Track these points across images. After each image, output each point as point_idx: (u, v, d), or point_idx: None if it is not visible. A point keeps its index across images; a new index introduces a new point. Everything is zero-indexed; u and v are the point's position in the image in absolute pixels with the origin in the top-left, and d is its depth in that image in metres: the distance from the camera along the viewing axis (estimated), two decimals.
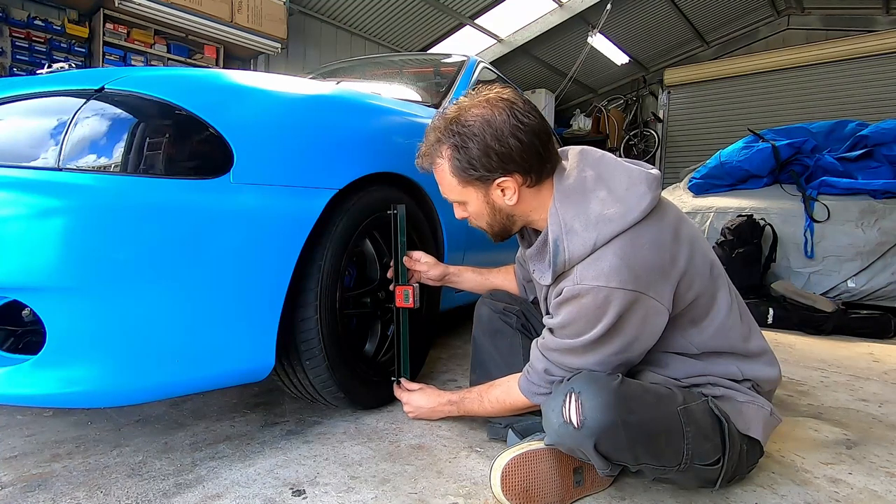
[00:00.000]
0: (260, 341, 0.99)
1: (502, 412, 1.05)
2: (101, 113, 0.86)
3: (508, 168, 0.88)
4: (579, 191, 0.89)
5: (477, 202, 0.95)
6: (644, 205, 0.85)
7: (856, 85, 6.28)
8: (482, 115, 0.88)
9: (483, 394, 1.08)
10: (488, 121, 0.87)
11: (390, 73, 2.46)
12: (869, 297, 2.86)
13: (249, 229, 0.94)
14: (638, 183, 0.87)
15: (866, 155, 3.09)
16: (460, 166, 0.90)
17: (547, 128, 0.91)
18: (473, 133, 0.87)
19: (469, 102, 0.91)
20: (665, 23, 6.94)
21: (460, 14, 5.84)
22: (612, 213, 0.84)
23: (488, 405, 1.06)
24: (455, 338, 2.11)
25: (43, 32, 3.81)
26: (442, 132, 0.91)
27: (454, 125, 0.89)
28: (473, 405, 1.11)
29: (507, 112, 0.87)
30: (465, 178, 0.91)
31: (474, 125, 0.87)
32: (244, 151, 0.93)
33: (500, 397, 1.03)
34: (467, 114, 0.89)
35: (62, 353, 0.80)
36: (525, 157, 0.87)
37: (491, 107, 0.88)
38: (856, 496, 0.97)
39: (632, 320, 0.84)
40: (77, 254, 0.77)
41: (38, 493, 0.89)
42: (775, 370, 0.97)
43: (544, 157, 0.89)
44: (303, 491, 0.92)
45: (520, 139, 0.86)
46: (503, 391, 1.03)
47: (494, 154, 0.87)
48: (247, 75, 1.06)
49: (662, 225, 0.87)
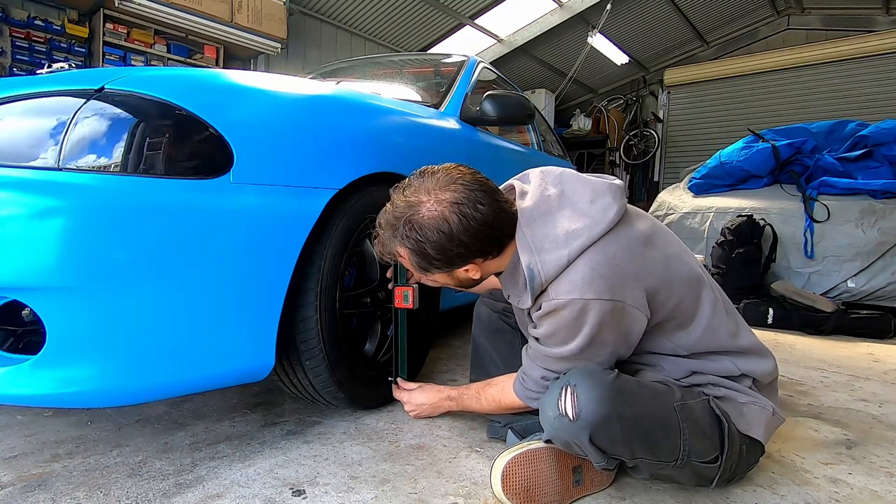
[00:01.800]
0: (260, 341, 0.99)
1: (498, 411, 1.07)
2: (101, 113, 0.86)
3: (469, 258, 0.90)
4: (544, 211, 0.89)
5: (442, 279, 0.99)
6: (610, 216, 0.86)
7: (856, 85, 6.28)
8: (434, 218, 0.85)
9: (480, 392, 1.09)
10: (439, 227, 0.85)
11: (390, 73, 2.46)
12: (869, 297, 2.86)
13: (249, 229, 0.94)
14: (602, 195, 0.89)
15: (866, 155, 3.09)
16: (420, 265, 0.91)
17: (497, 203, 0.88)
18: (427, 238, 0.86)
19: (415, 198, 0.87)
20: (665, 23, 6.94)
21: (460, 14, 5.84)
22: (580, 227, 0.85)
23: (485, 403, 1.08)
24: (455, 338, 2.11)
25: (43, 32, 3.81)
26: (395, 231, 0.89)
27: (406, 227, 0.87)
28: (472, 402, 1.12)
29: (458, 214, 0.85)
30: (427, 271, 0.93)
31: (427, 230, 0.86)
32: (244, 151, 0.93)
33: (495, 396, 1.05)
34: (417, 215, 0.86)
35: (62, 353, 0.80)
36: (482, 246, 0.89)
37: (441, 208, 0.85)
38: (856, 496, 0.97)
39: (611, 328, 0.85)
40: (77, 254, 0.77)
41: (38, 493, 0.89)
42: (770, 362, 0.97)
43: (500, 235, 0.90)
44: (303, 491, 0.92)
45: (475, 235, 0.86)
46: (498, 391, 1.04)
47: (452, 253, 0.88)
48: (247, 75, 1.06)
49: (632, 233, 0.88)
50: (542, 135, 3.06)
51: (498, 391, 1.04)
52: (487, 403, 1.07)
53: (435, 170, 0.90)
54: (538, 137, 2.95)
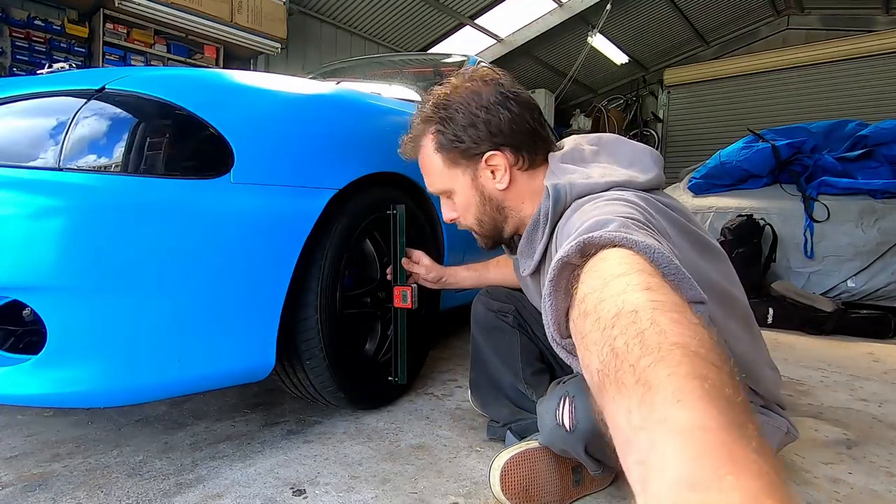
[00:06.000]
0: (260, 341, 0.99)
1: None
2: (101, 113, 0.86)
3: (497, 140, 0.82)
4: (577, 159, 0.82)
5: (464, 188, 0.88)
6: (651, 175, 0.77)
7: (855, 85, 6.29)
8: (469, 87, 0.84)
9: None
10: (475, 91, 0.83)
11: (390, 73, 2.46)
12: (869, 296, 2.86)
13: (249, 229, 0.94)
14: (643, 156, 0.82)
15: (866, 155, 3.08)
16: (445, 140, 0.85)
17: (538, 108, 0.87)
18: (459, 104, 0.83)
19: (457, 81, 0.87)
20: (665, 23, 6.95)
21: (460, 14, 5.84)
22: (618, 176, 0.75)
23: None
24: (456, 337, 2.11)
25: (43, 32, 3.81)
26: (428, 112, 0.87)
27: (441, 101, 0.86)
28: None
29: (495, 84, 0.83)
30: (450, 154, 0.85)
31: (461, 97, 0.84)
32: (244, 151, 0.93)
33: None
34: (454, 91, 0.85)
35: (63, 353, 0.80)
36: (515, 130, 0.82)
37: (479, 79, 0.85)
38: (856, 496, 0.97)
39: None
40: (77, 253, 0.77)
41: (39, 493, 0.89)
42: (776, 374, 0.92)
43: (536, 134, 0.84)
44: (303, 490, 0.92)
45: (509, 109, 0.82)
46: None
47: (482, 123, 0.82)
48: (247, 75, 1.06)
49: (672, 209, 0.76)
50: None
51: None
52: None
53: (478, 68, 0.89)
54: None
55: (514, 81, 0.88)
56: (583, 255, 0.48)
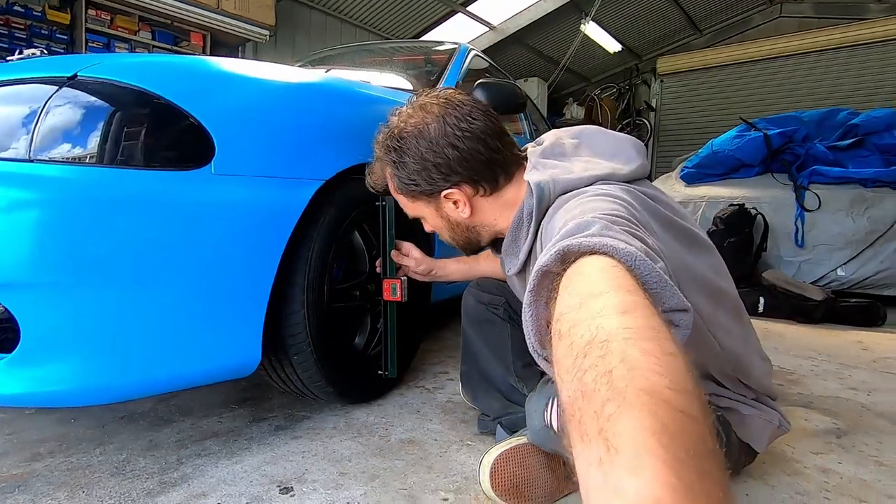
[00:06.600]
0: (245, 336, 0.96)
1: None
2: (74, 101, 0.82)
3: (452, 179, 0.81)
4: (558, 154, 0.79)
5: (432, 217, 0.89)
6: (634, 165, 0.76)
7: (847, 73, 6.29)
8: (416, 123, 0.81)
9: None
10: (420, 131, 0.80)
11: (381, 61, 2.41)
12: (858, 285, 2.89)
13: (232, 222, 0.91)
14: (625, 147, 0.80)
15: (857, 144, 3.09)
16: (401, 184, 0.85)
17: (495, 129, 0.82)
18: (408, 147, 0.81)
19: (409, 110, 0.83)
20: (658, 10, 6.89)
21: (452, 1, 5.76)
22: (601, 169, 0.74)
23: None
24: (447, 330, 2.09)
25: (22, 19, 3.70)
26: (382, 149, 0.85)
27: (391, 140, 0.83)
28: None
29: (442, 119, 0.79)
30: (410, 195, 0.86)
31: (408, 138, 0.81)
32: (226, 141, 0.90)
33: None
34: (405, 125, 0.82)
35: (38, 351, 0.77)
36: (468, 166, 0.80)
37: (424, 114, 0.81)
38: (845, 485, 0.98)
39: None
40: (51, 248, 0.75)
41: (18, 495, 0.87)
42: (768, 364, 0.94)
43: (493, 162, 0.81)
44: (290, 488, 0.90)
45: (457, 147, 0.79)
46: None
47: (432, 166, 0.80)
48: (229, 62, 1.02)
49: (658, 201, 0.75)
50: (535, 124, 3.03)
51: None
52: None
53: (433, 89, 0.85)
54: (530, 126, 2.93)
55: (472, 100, 0.83)
56: (563, 263, 0.48)
